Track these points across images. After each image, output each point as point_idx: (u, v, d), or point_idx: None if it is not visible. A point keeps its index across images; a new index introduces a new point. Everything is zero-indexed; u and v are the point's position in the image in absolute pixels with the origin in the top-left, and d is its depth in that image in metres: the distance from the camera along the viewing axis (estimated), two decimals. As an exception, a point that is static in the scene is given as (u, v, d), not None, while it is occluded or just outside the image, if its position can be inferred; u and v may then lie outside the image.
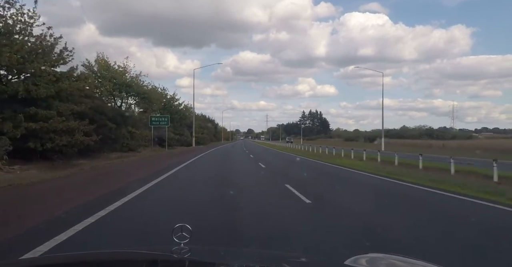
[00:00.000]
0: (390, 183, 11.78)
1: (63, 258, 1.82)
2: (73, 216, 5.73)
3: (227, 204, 7.45)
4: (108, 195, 8.03)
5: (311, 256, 2.74)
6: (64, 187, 9.74)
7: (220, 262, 1.61)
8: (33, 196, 8.16)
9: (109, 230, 5.10)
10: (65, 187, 9.74)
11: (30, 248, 3.98)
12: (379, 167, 17.43)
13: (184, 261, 1.47)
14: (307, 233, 5.23)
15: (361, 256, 1.67)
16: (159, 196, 8.36)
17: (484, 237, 5.22)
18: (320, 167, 19.22)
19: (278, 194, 9.15)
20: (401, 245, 4.57)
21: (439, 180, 11.60)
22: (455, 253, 4.30)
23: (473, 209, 7.53)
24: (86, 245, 4.34)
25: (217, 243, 4.30)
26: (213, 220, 5.76)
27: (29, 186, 9.52)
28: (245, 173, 15.31)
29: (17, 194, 8.46)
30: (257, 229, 5.32)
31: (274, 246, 4.37)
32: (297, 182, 11.29)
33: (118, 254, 1.81)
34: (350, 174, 15.25)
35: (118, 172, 14.68)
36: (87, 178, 12.24)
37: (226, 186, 10.17)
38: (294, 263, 1.69)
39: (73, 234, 4.68)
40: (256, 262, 1.67)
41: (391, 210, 7.41)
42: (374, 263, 1.64)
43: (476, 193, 9.07)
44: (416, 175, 13.53)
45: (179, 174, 13.56)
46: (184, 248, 1.49)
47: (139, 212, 6.54)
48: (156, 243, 4.07)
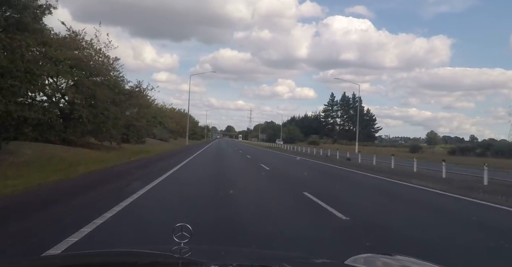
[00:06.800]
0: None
1: (63, 258, 1.91)
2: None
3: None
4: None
5: (311, 256, 2.66)
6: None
7: (220, 262, 1.55)
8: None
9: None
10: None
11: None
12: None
13: (184, 261, 1.44)
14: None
15: (361, 256, 1.66)
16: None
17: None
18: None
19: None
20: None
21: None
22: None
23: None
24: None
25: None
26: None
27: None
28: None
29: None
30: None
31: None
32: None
33: (118, 254, 1.81)
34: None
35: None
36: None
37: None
38: (294, 263, 1.70)
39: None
40: (256, 262, 1.67)
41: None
42: (374, 263, 1.63)
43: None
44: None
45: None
46: (184, 247, 1.47)
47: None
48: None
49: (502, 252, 4.62)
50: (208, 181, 11.21)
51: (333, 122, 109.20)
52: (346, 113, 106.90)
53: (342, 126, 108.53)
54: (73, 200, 6.98)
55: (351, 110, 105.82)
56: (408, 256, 1.72)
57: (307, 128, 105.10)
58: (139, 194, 7.53)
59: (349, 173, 17.02)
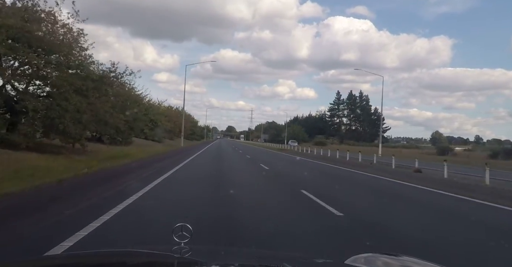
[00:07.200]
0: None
1: (63, 258, 1.87)
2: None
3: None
4: None
5: (311, 256, 2.66)
6: None
7: (220, 262, 1.54)
8: None
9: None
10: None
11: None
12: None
13: (184, 261, 1.43)
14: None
15: (361, 255, 1.64)
16: None
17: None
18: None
19: None
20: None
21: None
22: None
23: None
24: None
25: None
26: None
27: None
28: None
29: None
30: None
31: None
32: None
33: (118, 254, 1.78)
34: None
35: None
36: None
37: None
38: (294, 263, 1.69)
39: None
40: (256, 262, 1.66)
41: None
42: (374, 263, 1.62)
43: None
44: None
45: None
46: (185, 247, 1.46)
47: None
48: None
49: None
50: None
51: (339, 122, 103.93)
52: (353, 112, 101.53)
53: (349, 126, 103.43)
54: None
55: (358, 109, 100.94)
56: (409, 256, 1.69)
57: (312, 128, 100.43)
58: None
59: (437, 196, 11.19)
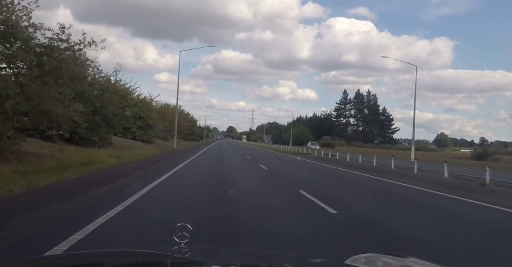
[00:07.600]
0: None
1: (63, 258, 1.86)
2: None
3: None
4: None
5: (312, 256, 2.62)
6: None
7: (220, 262, 1.54)
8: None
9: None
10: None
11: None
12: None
13: (184, 261, 1.43)
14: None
15: (362, 255, 1.64)
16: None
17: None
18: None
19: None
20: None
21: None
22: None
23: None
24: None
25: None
26: None
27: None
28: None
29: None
30: None
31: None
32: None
33: (118, 254, 1.77)
34: None
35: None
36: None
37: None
38: (294, 263, 1.69)
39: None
40: (256, 262, 1.66)
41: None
42: (374, 263, 1.62)
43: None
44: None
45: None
46: (185, 247, 1.45)
47: None
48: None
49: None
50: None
51: (346, 122, 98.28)
52: (360, 112, 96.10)
53: (356, 126, 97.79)
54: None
55: (365, 109, 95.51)
56: (409, 256, 1.69)
57: (316, 128, 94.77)
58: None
59: None
